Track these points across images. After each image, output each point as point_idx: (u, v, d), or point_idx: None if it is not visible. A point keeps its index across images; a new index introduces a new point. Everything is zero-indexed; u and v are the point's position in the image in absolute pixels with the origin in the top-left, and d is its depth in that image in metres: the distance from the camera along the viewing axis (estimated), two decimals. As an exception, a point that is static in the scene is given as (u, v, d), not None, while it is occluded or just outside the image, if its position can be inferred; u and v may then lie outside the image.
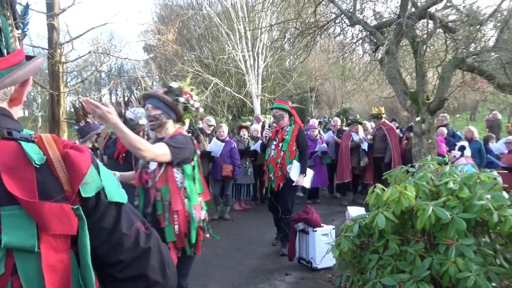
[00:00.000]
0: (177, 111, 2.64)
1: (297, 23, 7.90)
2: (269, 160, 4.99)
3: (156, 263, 0.93)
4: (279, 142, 4.92)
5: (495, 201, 2.50)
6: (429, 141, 5.57)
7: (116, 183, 0.94)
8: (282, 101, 5.18)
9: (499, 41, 5.36)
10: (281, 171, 4.86)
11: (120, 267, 0.89)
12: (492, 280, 2.29)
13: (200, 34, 17.50)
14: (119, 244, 0.88)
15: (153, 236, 0.96)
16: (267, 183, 5.03)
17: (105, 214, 0.87)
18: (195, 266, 4.78)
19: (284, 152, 4.87)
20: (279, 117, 4.98)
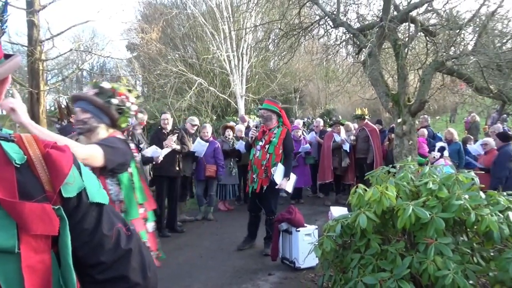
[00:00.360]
0: (110, 114, 2.36)
1: (281, 24, 7.94)
2: (254, 161, 4.94)
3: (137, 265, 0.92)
4: (265, 143, 4.86)
5: (473, 201, 2.57)
6: (410, 142, 5.68)
7: (98, 183, 0.93)
8: (271, 102, 5.10)
9: (478, 45, 5.50)
10: (266, 173, 4.83)
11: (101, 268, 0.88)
12: (470, 277, 2.35)
13: (184, 34, 17.40)
14: (100, 245, 0.88)
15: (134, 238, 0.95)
16: (250, 183, 5.01)
17: (86, 215, 0.87)
18: (178, 267, 4.77)
19: (270, 154, 4.82)
20: (267, 117, 4.92)
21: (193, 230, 6.48)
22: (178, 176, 6.24)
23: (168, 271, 4.60)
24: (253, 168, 4.95)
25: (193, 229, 6.54)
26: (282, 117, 4.97)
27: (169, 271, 4.61)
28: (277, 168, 4.79)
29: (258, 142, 4.93)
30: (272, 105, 4.98)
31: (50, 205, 0.79)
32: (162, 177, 6.03)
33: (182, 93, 15.79)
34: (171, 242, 5.80)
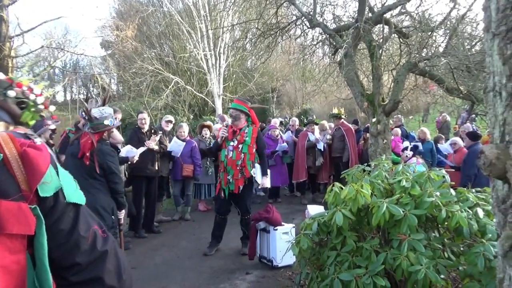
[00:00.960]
0: (8, 110, 2.21)
1: (258, 24, 7.96)
2: (227, 162, 4.84)
3: (113, 267, 0.91)
4: (238, 143, 4.82)
5: (443, 198, 2.66)
6: (384, 141, 5.81)
7: (74, 184, 0.92)
8: (240, 102, 5.07)
9: (448, 47, 5.68)
10: (241, 173, 4.78)
11: (76, 270, 0.87)
12: (441, 272, 2.43)
13: (161, 32, 17.16)
14: (76, 246, 0.86)
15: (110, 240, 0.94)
16: (225, 185, 4.88)
17: (63, 215, 0.85)
18: (155, 268, 4.72)
19: (244, 154, 4.79)
20: (236, 117, 4.90)
21: (170, 230, 6.42)
22: (156, 176, 6.16)
23: (145, 272, 4.55)
24: (227, 169, 4.85)
25: (170, 229, 6.48)
26: (251, 116, 4.98)
27: (145, 272, 4.55)
28: (256, 169, 4.83)
29: (230, 143, 4.86)
30: (241, 105, 4.97)
31: (26, 204, 0.78)
32: (140, 177, 5.94)
33: (158, 92, 15.57)
34: (148, 242, 5.72)
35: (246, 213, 4.98)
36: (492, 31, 0.85)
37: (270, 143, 8.10)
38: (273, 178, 8.13)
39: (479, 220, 2.61)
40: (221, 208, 5.08)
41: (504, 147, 0.82)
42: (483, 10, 0.91)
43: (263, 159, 4.98)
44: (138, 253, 5.23)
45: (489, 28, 0.87)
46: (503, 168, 0.80)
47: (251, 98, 19.17)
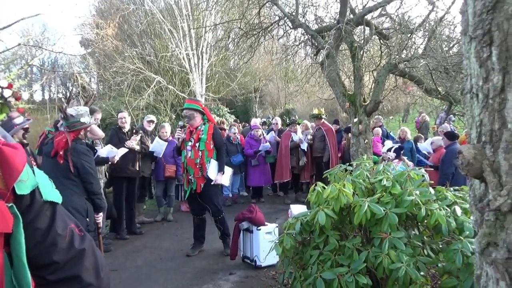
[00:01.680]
0: None
1: (241, 24, 7.96)
2: (187, 162, 4.84)
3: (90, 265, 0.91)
4: (195, 142, 4.81)
5: (423, 197, 2.71)
6: (366, 141, 5.90)
7: (50, 183, 0.91)
8: (192, 101, 5.06)
9: (427, 49, 5.81)
10: (201, 172, 4.77)
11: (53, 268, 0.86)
12: (421, 269, 2.48)
13: (142, 30, 16.92)
14: (53, 245, 0.86)
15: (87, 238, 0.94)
16: (187, 185, 4.88)
17: (40, 214, 0.84)
18: (137, 270, 4.66)
19: (202, 151, 4.79)
20: (190, 116, 4.87)
21: (152, 231, 6.35)
22: (137, 177, 6.09)
23: (126, 274, 4.49)
24: (187, 169, 4.85)
25: (152, 230, 6.41)
26: (206, 115, 4.97)
27: (127, 274, 4.49)
28: (210, 164, 4.79)
29: (188, 143, 4.85)
30: (193, 104, 4.95)
31: (3, 202, 0.77)
32: (121, 178, 5.85)
33: (140, 91, 15.36)
34: (130, 244, 5.65)
35: (218, 212, 4.92)
36: (469, 34, 0.87)
37: (252, 143, 8.11)
38: (256, 178, 8.17)
39: (457, 218, 2.67)
40: (194, 209, 5.06)
41: (481, 148, 0.84)
42: (461, 14, 0.93)
43: (220, 156, 4.93)
44: (119, 255, 5.15)
45: (466, 31, 0.89)
46: (480, 167, 0.83)
47: (234, 98, 19.18)
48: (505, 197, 0.77)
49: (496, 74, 0.80)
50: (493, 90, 0.81)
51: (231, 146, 7.96)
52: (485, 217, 0.81)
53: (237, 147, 8.04)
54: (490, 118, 0.82)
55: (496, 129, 0.81)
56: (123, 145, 5.64)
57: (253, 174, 8.15)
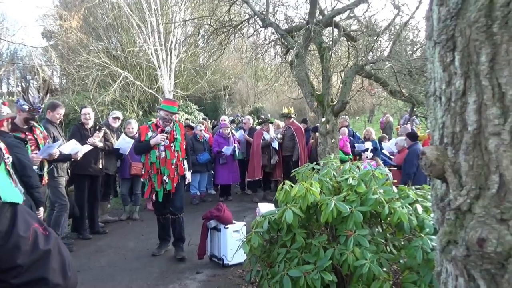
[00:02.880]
0: None
1: (211, 21, 7.89)
2: (160, 162, 4.69)
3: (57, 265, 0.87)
4: (170, 142, 4.73)
5: (386, 195, 2.80)
6: (333, 140, 6.01)
7: (10, 182, 0.86)
8: (173, 103, 5.00)
9: (392, 52, 5.99)
10: (177, 171, 4.76)
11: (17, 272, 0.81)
12: (383, 265, 2.56)
13: (109, 24, 16.43)
14: (16, 248, 0.81)
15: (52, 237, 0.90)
16: (159, 186, 4.71)
17: (0, 216, 0.79)
18: (100, 270, 4.52)
19: (177, 152, 4.77)
20: (171, 121, 4.81)
21: (117, 230, 6.19)
22: (100, 175, 5.90)
23: (89, 275, 4.35)
24: (161, 170, 4.70)
25: (117, 229, 6.25)
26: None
27: (90, 275, 4.35)
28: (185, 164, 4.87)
29: (161, 143, 4.72)
30: (174, 106, 4.92)
31: None
32: (83, 175, 5.65)
33: (105, 86, 14.92)
34: (93, 244, 5.48)
35: (180, 210, 4.88)
36: (434, 39, 0.90)
37: (221, 141, 8.08)
38: (224, 176, 8.14)
39: (418, 216, 2.77)
40: (160, 209, 4.92)
41: (443, 149, 0.88)
42: (426, 19, 0.96)
43: (188, 154, 5.05)
44: (82, 256, 4.98)
45: (431, 36, 0.92)
46: (442, 168, 0.86)
47: (203, 96, 19.01)
48: (464, 197, 0.81)
49: (458, 79, 0.84)
50: (455, 94, 0.85)
51: (198, 144, 7.88)
52: (446, 216, 0.85)
53: (204, 145, 7.97)
54: (452, 121, 0.86)
55: (458, 131, 0.84)
56: (86, 142, 5.45)
57: (221, 172, 8.11)
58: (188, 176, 4.96)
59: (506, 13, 0.74)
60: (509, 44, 0.75)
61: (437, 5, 0.89)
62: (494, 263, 0.73)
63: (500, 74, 0.76)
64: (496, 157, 0.76)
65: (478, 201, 0.79)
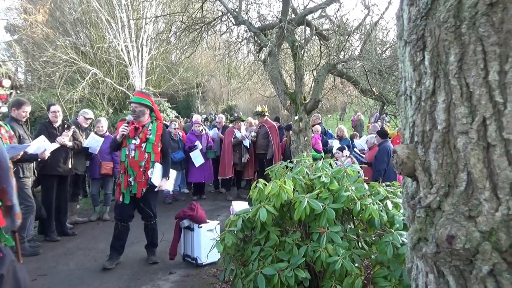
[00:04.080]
0: None
1: (183, 17, 7.78)
2: (129, 162, 4.32)
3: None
4: (141, 142, 4.34)
5: (358, 192, 2.85)
6: (306, 138, 6.06)
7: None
8: (143, 95, 4.53)
9: (363, 51, 6.11)
10: (145, 175, 4.34)
11: None
12: (355, 261, 2.60)
13: (76, 19, 15.89)
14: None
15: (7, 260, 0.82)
16: (125, 188, 4.35)
17: None
18: (68, 273, 4.38)
19: (148, 153, 4.34)
20: (139, 113, 4.37)
21: (87, 232, 6.01)
22: (69, 175, 5.71)
23: (57, 279, 4.20)
24: (128, 170, 4.33)
25: (87, 230, 6.07)
26: (154, 111, 4.53)
27: (58, 279, 4.20)
28: (154, 169, 4.37)
29: (131, 141, 4.35)
30: (144, 98, 4.45)
31: None
32: (51, 176, 5.45)
33: (73, 83, 14.44)
34: (61, 246, 5.29)
35: (153, 217, 4.54)
36: (404, 39, 0.92)
37: (194, 139, 7.99)
38: (197, 175, 8.07)
39: (388, 212, 2.84)
40: (122, 214, 4.44)
41: (414, 148, 0.89)
42: (396, 19, 0.98)
43: (166, 159, 4.56)
44: (49, 258, 4.81)
45: (401, 36, 0.93)
46: (412, 166, 0.87)
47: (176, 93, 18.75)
48: (434, 194, 0.82)
49: (428, 78, 0.85)
50: (425, 93, 0.86)
51: (172, 142, 7.76)
52: (417, 213, 0.86)
53: (178, 144, 7.86)
54: (422, 120, 0.87)
55: (427, 130, 0.86)
56: (54, 141, 5.26)
57: (194, 171, 8.03)
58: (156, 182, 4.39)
59: (473, 14, 0.76)
60: (477, 45, 0.76)
61: (407, 5, 0.90)
62: (463, 260, 0.75)
63: (468, 74, 0.78)
64: (464, 155, 0.78)
65: (447, 199, 0.80)
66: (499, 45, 0.73)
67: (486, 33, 0.74)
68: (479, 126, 0.76)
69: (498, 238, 0.72)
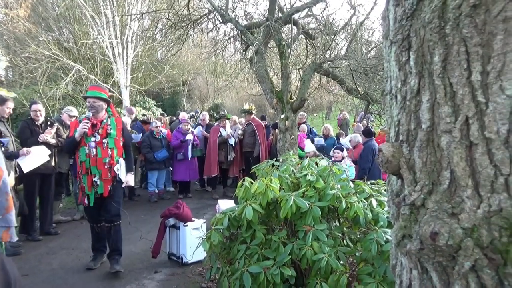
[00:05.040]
0: None
1: (169, 14, 7.72)
2: (90, 161, 4.07)
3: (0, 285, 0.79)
4: (102, 138, 4.12)
5: (343, 190, 2.88)
6: (292, 136, 6.09)
7: None
8: (99, 89, 4.34)
9: (349, 51, 6.16)
10: (110, 173, 4.14)
11: None
12: (341, 258, 2.63)
13: (60, 14, 15.59)
14: None
15: None
16: (89, 189, 4.11)
17: None
18: (51, 273, 4.30)
19: (111, 149, 4.14)
20: (98, 108, 4.15)
21: (70, 231, 5.91)
22: (52, 173, 5.60)
23: (39, 279, 4.12)
24: (91, 170, 4.09)
25: (70, 230, 5.97)
26: (110, 105, 4.35)
27: (40, 279, 4.13)
28: (120, 164, 4.22)
29: (90, 139, 4.09)
30: (102, 92, 4.25)
31: None
32: (34, 174, 5.33)
33: (56, 80, 14.17)
34: (43, 246, 5.20)
35: (117, 217, 4.29)
36: (390, 38, 0.93)
37: (180, 137, 7.94)
38: (182, 173, 8.01)
39: (373, 210, 2.88)
40: (92, 216, 4.31)
41: (399, 146, 0.90)
42: (382, 19, 0.99)
43: (128, 154, 4.41)
44: (31, 258, 4.72)
45: (387, 36, 0.95)
46: (397, 165, 0.88)
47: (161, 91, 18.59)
48: (418, 192, 0.84)
49: (413, 78, 0.86)
50: (410, 92, 0.87)
51: (155, 141, 7.65)
52: (401, 211, 0.87)
53: (161, 142, 7.74)
54: (407, 119, 0.88)
55: (412, 129, 0.87)
56: (36, 138, 5.15)
57: (178, 169, 7.97)
58: (128, 179, 4.31)
59: (457, 15, 0.77)
60: (460, 46, 0.78)
61: (393, 5, 0.91)
62: (446, 256, 0.76)
63: (452, 74, 0.79)
64: (448, 153, 0.80)
65: (431, 196, 0.82)
66: (482, 46, 0.75)
67: (469, 34, 0.76)
68: (462, 125, 0.78)
69: (479, 234, 0.73)
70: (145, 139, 7.64)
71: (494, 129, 0.74)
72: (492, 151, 0.74)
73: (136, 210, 6.85)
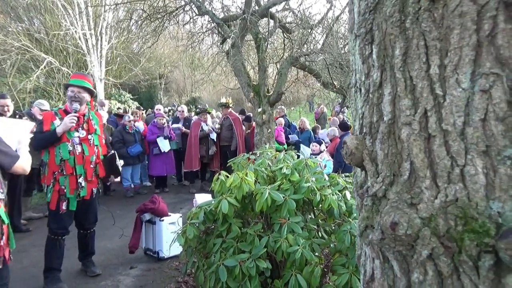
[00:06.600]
0: None
1: (144, 6, 7.57)
2: (76, 159, 3.59)
3: None
4: (87, 134, 3.69)
5: (318, 183, 2.91)
6: (269, 130, 6.11)
7: None
8: (83, 77, 3.81)
9: (325, 45, 6.21)
10: (96, 173, 3.76)
11: None
12: (315, 250, 2.67)
13: (29, 4, 15.05)
14: None
15: None
16: (72, 192, 3.61)
17: None
18: (22, 271, 4.19)
19: (97, 147, 3.75)
20: (82, 100, 3.68)
21: (42, 228, 5.74)
22: (21, 168, 5.43)
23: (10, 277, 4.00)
24: (76, 169, 3.60)
25: (42, 227, 5.80)
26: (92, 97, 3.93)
27: (11, 277, 4.00)
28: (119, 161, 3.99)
29: (73, 134, 3.61)
30: (87, 82, 3.76)
31: None
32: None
33: (26, 72, 13.72)
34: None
35: (95, 222, 4.01)
36: (355, 32, 0.94)
37: (155, 131, 7.83)
38: (158, 167, 7.92)
39: (347, 202, 2.93)
40: (65, 225, 3.70)
41: (362, 138, 0.92)
42: (348, 12, 1.00)
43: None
44: (1, 256, 4.57)
45: (352, 29, 0.96)
46: (361, 157, 0.90)
47: (138, 84, 18.27)
48: (380, 183, 0.85)
49: (375, 71, 0.88)
50: (373, 85, 0.89)
51: (128, 136, 7.43)
52: (364, 202, 0.89)
53: (134, 136, 7.53)
54: (370, 111, 0.90)
55: (375, 121, 0.89)
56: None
57: (155, 163, 7.87)
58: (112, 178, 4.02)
59: (417, 9, 0.79)
60: (419, 39, 0.79)
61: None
62: (405, 245, 0.78)
63: (412, 68, 0.81)
64: (408, 145, 0.82)
65: (392, 188, 0.84)
66: (440, 40, 0.77)
67: (428, 28, 0.78)
68: (421, 118, 0.80)
69: (436, 224, 0.76)
70: (117, 133, 7.41)
71: (451, 121, 0.76)
72: (449, 143, 0.76)
73: (112, 205, 6.72)
